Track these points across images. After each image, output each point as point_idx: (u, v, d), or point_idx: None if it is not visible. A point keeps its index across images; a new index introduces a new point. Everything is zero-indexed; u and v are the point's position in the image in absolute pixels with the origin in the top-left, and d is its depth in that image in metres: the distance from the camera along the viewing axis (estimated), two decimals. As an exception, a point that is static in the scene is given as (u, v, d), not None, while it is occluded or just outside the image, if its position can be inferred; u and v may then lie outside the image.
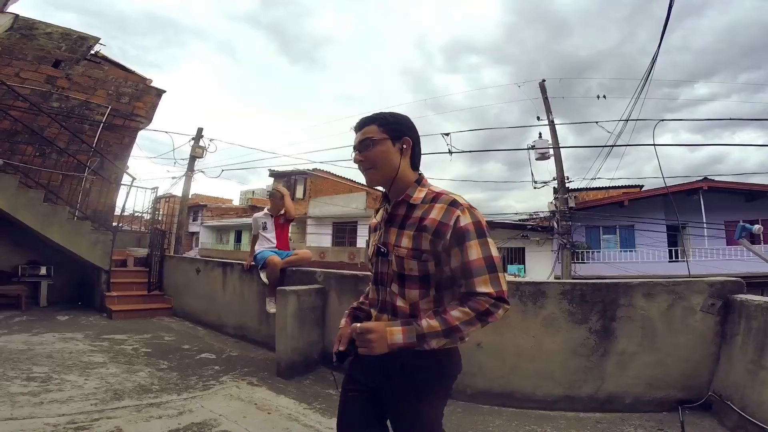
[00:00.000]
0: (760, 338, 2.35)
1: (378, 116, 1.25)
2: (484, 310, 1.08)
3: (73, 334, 4.60)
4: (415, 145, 1.26)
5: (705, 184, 14.87)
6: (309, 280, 4.17)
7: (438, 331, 1.09)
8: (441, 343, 1.11)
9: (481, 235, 1.12)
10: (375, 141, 1.21)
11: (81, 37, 7.36)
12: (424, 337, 1.09)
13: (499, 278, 1.11)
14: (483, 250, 1.11)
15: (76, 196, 6.87)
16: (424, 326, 1.09)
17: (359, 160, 1.24)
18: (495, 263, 1.11)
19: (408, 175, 1.24)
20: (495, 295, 1.08)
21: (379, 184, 1.27)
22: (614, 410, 2.78)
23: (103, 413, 2.57)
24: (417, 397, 1.19)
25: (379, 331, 1.11)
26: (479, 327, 1.11)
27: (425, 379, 1.18)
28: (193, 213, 34.14)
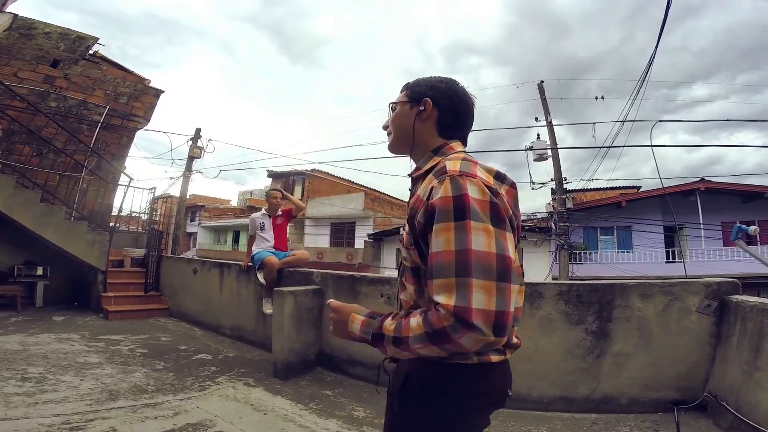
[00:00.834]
0: (755, 339, 2.35)
1: (410, 81, 1.10)
2: (438, 329, 0.74)
3: (69, 334, 4.58)
4: (444, 108, 1.01)
5: (702, 185, 14.93)
6: (306, 281, 4.17)
7: (390, 336, 0.83)
8: (398, 354, 0.87)
9: (459, 214, 0.77)
10: (396, 104, 1.07)
11: (80, 37, 7.35)
12: (380, 338, 0.86)
13: (471, 288, 0.72)
14: (457, 239, 0.75)
15: (73, 197, 6.85)
16: (384, 325, 0.86)
17: (384, 125, 1.12)
18: (470, 262, 0.73)
19: (427, 142, 1.02)
20: (452, 310, 0.72)
21: (396, 152, 1.11)
22: (610, 411, 2.78)
23: (98, 413, 2.56)
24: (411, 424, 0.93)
25: (342, 313, 0.94)
26: (437, 352, 0.78)
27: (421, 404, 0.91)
28: (191, 213, 34.11)
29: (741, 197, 15.43)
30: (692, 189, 15.00)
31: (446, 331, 0.72)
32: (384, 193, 27.33)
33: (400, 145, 1.07)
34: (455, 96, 1.04)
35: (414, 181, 1.03)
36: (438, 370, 0.88)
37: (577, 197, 19.25)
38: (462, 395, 0.89)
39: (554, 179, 12.68)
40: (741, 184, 15.36)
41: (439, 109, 1.01)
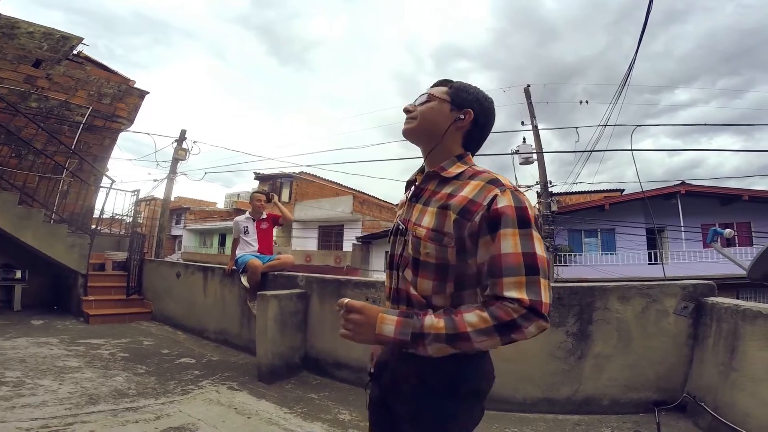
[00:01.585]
0: (730, 340, 2.41)
1: (453, 81, 1.10)
2: (508, 321, 0.82)
3: (48, 338, 4.49)
4: (477, 125, 1.07)
5: (682, 189, 15.26)
6: (291, 285, 4.15)
7: (441, 335, 0.85)
8: (442, 351, 0.87)
9: (524, 224, 0.87)
10: (433, 97, 1.07)
11: (64, 37, 7.21)
12: (422, 338, 0.86)
13: (540, 285, 0.84)
14: (523, 243, 0.86)
15: (53, 199, 6.72)
16: (425, 324, 0.87)
17: (407, 108, 1.10)
18: (538, 264, 0.85)
19: (452, 148, 1.06)
20: (528, 304, 0.82)
21: (412, 138, 1.10)
22: (592, 412, 2.82)
23: (78, 417, 2.52)
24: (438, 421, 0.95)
25: (367, 314, 0.90)
26: (498, 343, 0.84)
27: (446, 400, 0.95)
28: (176, 216, 33.65)
29: (720, 200, 15.81)
30: (673, 192, 15.33)
31: (516, 322, 0.82)
32: (373, 196, 27.35)
33: (423, 136, 1.08)
34: (491, 118, 1.10)
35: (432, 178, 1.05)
36: (454, 362, 0.93)
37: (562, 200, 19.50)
38: (478, 380, 0.98)
39: (540, 182, 12.83)
40: (720, 187, 15.75)
41: (474, 123, 1.06)
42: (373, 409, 1.14)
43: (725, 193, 15.49)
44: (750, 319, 2.29)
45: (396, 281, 1.06)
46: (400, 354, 1.01)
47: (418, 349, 0.88)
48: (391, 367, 1.06)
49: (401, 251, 1.05)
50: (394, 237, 1.11)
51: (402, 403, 1.02)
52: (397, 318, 0.89)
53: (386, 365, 1.09)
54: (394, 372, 1.04)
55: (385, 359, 1.12)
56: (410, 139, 1.10)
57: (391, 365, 1.06)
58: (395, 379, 1.03)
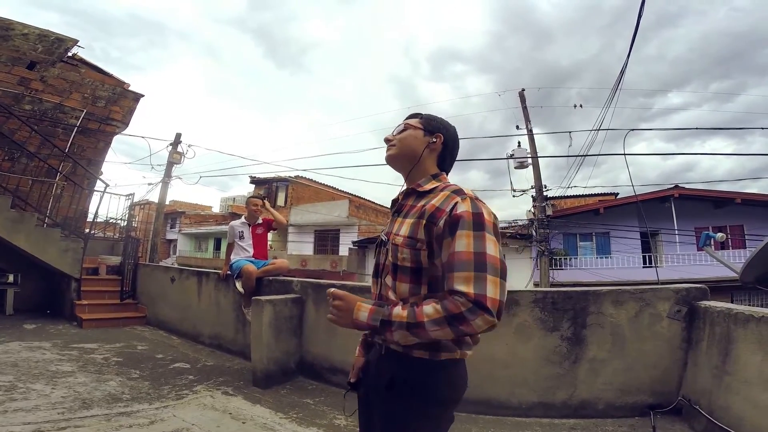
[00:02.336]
0: (723, 344, 2.42)
1: (424, 114, 1.30)
2: (456, 314, 0.90)
3: (41, 342, 4.45)
4: (447, 147, 1.25)
5: (676, 192, 15.36)
6: (286, 290, 4.14)
7: (403, 323, 0.97)
8: (405, 338, 0.99)
9: (478, 227, 0.98)
10: (409, 126, 1.25)
11: (58, 39, 7.17)
12: (389, 324, 0.99)
13: (487, 281, 0.92)
14: (476, 243, 0.96)
15: (46, 203, 6.66)
16: (393, 312, 0.99)
17: (387, 138, 1.28)
18: (487, 262, 0.94)
19: (428, 168, 1.22)
20: (473, 297, 0.90)
21: (394, 163, 1.27)
22: (588, 416, 2.82)
23: (71, 422, 2.50)
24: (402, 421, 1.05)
25: (348, 301, 1.07)
26: (450, 334, 0.93)
27: (412, 401, 1.04)
28: (171, 220, 33.50)
29: (713, 203, 15.92)
30: (667, 195, 15.43)
31: (463, 314, 0.90)
32: (369, 201, 27.33)
33: (403, 161, 1.24)
34: (457, 141, 1.30)
35: (411, 195, 1.21)
36: (426, 368, 1.05)
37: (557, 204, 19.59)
38: (448, 389, 1.07)
39: (534, 187, 12.89)
40: (713, 191, 15.87)
41: (444, 146, 1.25)
42: (361, 409, 1.25)
43: (718, 197, 15.61)
44: (742, 322, 2.30)
45: (379, 287, 1.19)
46: (379, 356, 1.14)
47: (386, 335, 1.01)
48: (374, 365, 1.16)
49: (384, 260, 1.18)
50: (378, 248, 1.24)
51: (379, 398, 1.12)
52: (370, 307, 1.04)
53: (370, 365, 1.20)
54: (377, 370, 1.14)
55: (367, 360, 1.24)
56: (392, 165, 1.27)
57: (374, 364, 1.16)
58: (377, 377, 1.12)
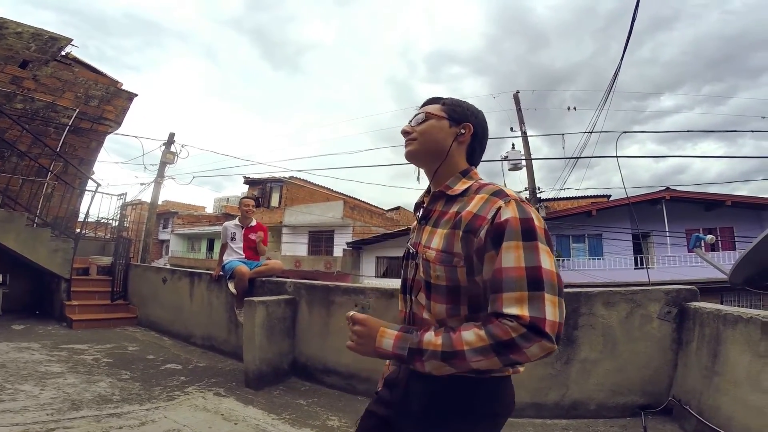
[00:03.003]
0: (713, 345, 2.45)
1: (445, 98, 1.10)
2: (506, 341, 0.76)
3: (29, 343, 4.39)
4: (476, 137, 1.07)
5: (667, 194, 15.52)
6: (279, 291, 4.13)
7: (437, 352, 0.82)
8: (440, 369, 0.84)
9: (528, 237, 0.82)
10: (431, 115, 1.05)
11: (52, 38, 7.11)
12: (419, 354, 0.85)
13: (545, 302, 0.77)
14: (527, 256, 0.80)
15: (36, 202, 6.60)
16: (424, 340, 0.85)
17: (406, 130, 1.08)
18: (542, 279, 0.79)
19: (457, 164, 1.05)
20: (528, 321, 0.75)
21: (416, 161, 1.09)
22: (580, 416, 2.84)
23: (60, 423, 2.47)
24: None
25: (370, 327, 0.92)
26: (497, 363, 0.79)
27: (455, 419, 0.91)
28: (164, 220, 33.28)
29: (704, 205, 16.11)
30: (658, 198, 15.59)
31: (515, 341, 0.75)
32: (363, 202, 27.34)
33: (427, 157, 1.06)
34: (487, 129, 1.10)
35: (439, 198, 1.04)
36: (472, 386, 0.91)
37: (550, 206, 19.73)
38: (496, 407, 0.95)
39: (528, 188, 12.96)
40: (704, 193, 16.06)
41: (474, 136, 1.06)
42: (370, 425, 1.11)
43: (709, 199, 15.79)
44: (731, 323, 2.33)
45: (410, 305, 1.04)
46: (412, 371, 0.98)
47: (416, 365, 0.87)
48: (403, 384, 1.03)
49: (413, 275, 1.03)
50: (406, 261, 1.09)
51: (412, 422, 0.98)
52: (396, 333, 0.90)
53: (397, 383, 1.06)
54: (406, 390, 1.01)
55: (396, 377, 1.08)
56: (414, 162, 1.09)
57: (403, 383, 1.03)
58: (407, 397, 1.01)
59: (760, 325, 2.13)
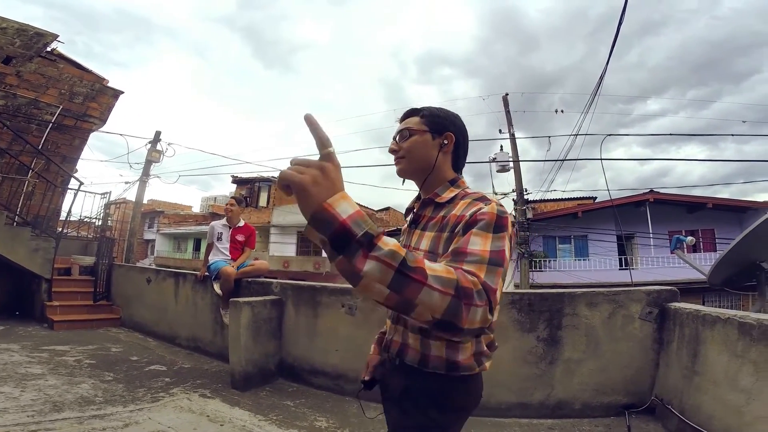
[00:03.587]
0: (692, 345, 2.50)
1: (423, 108, 1.15)
2: (467, 288, 0.72)
3: (9, 344, 4.30)
4: (460, 145, 1.14)
5: (651, 197, 15.83)
6: (265, 291, 4.10)
7: (398, 255, 0.65)
8: (376, 280, 0.65)
9: (498, 229, 0.89)
10: (413, 131, 1.11)
11: (38, 34, 6.94)
12: (372, 246, 0.65)
13: (497, 278, 0.82)
14: (493, 243, 0.87)
15: (17, 200, 6.45)
16: (387, 239, 0.67)
17: (393, 149, 1.14)
18: (501, 261, 0.85)
19: (444, 173, 1.12)
20: (482, 281, 0.77)
21: (408, 176, 1.15)
22: (565, 416, 2.87)
23: (41, 425, 2.43)
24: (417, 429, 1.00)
25: (336, 178, 0.68)
26: (442, 307, 0.68)
27: (427, 409, 0.99)
28: (149, 220, 32.80)
29: (686, 207, 16.47)
30: (642, 200, 15.89)
31: (472, 293, 0.72)
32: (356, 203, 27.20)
33: (417, 172, 1.12)
34: (466, 134, 1.16)
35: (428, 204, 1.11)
36: (444, 379, 0.98)
37: (537, 207, 19.94)
38: (464, 397, 1.02)
39: (516, 190, 13.08)
40: (686, 196, 16.43)
41: (456, 144, 1.13)
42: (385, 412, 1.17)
43: (691, 201, 16.15)
44: (709, 324, 2.38)
45: None
46: (393, 367, 1.08)
47: (356, 258, 0.64)
48: (386, 378, 1.12)
49: None
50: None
51: (391, 411, 1.08)
52: (359, 208, 0.67)
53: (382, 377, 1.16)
54: (387, 383, 1.11)
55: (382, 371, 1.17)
56: (406, 177, 1.15)
57: (386, 377, 1.12)
58: (387, 390, 1.10)
59: (737, 325, 2.18)
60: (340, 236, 0.64)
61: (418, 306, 0.68)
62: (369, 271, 0.64)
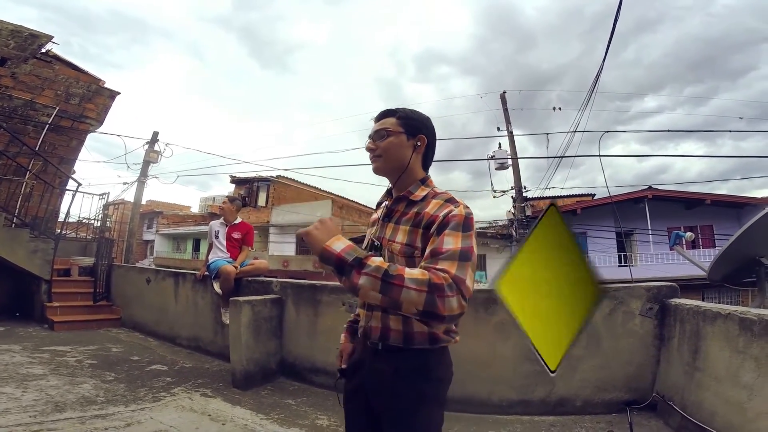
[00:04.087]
0: (693, 341, 2.49)
1: (398, 110, 1.25)
2: (438, 284, 0.92)
3: (10, 345, 4.29)
4: (430, 146, 1.26)
5: (649, 193, 15.83)
6: (265, 290, 4.10)
7: (381, 268, 0.93)
8: (369, 287, 0.92)
9: (466, 228, 1.06)
10: (390, 132, 1.21)
11: (33, 35, 6.92)
12: (361, 266, 0.93)
13: (467, 270, 0.99)
14: (463, 241, 1.03)
15: (15, 202, 6.43)
16: (370, 257, 0.95)
17: (370, 147, 1.24)
18: (470, 256, 1.01)
19: (416, 173, 1.23)
20: (453, 275, 0.95)
21: (383, 174, 1.25)
22: (566, 413, 2.87)
23: (44, 425, 2.43)
24: (413, 403, 1.11)
25: (332, 227, 1.02)
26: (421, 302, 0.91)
27: (418, 383, 1.12)
28: (148, 220, 32.74)
29: (685, 204, 16.48)
30: (641, 197, 15.88)
31: (444, 287, 0.92)
32: (352, 201, 27.23)
33: (391, 171, 1.23)
34: (435, 135, 1.29)
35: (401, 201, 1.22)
36: (426, 355, 1.13)
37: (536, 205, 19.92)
38: (444, 369, 1.17)
39: (514, 187, 13.09)
40: (685, 192, 16.42)
41: (427, 146, 1.25)
42: (348, 400, 1.29)
43: (690, 198, 16.16)
44: (710, 319, 2.37)
45: None
46: (375, 352, 1.17)
47: (352, 276, 0.93)
48: (368, 364, 1.19)
49: None
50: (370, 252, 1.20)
51: (381, 394, 1.15)
52: (349, 242, 0.99)
53: (362, 364, 1.23)
54: (371, 368, 1.18)
55: (359, 358, 1.26)
56: (380, 175, 1.25)
57: (368, 363, 1.19)
58: (373, 375, 1.17)
59: (738, 321, 2.18)
60: (339, 264, 0.94)
61: (403, 303, 0.91)
62: (363, 284, 0.92)
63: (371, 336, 1.19)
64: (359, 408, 1.23)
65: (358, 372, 1.24)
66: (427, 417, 1.13)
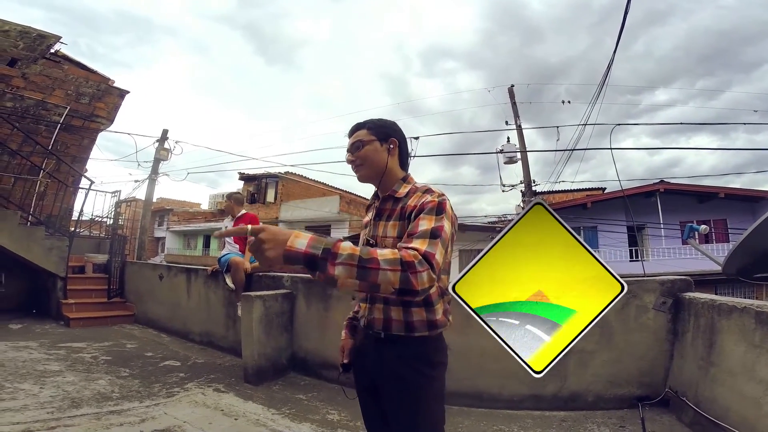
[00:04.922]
0: (708, 335, 2.46)
1: (367, 121, 1.37)
2: (409, 261, 0.96)
3: (27, 342, 4.38)
4: (402, 146, 1.38)
5: (661, 187, 15.59)
6: (276, 285, 4.13)
7: (354, 255, 0.92)
8: (346, 276, 0.91)
9: (439, 212, 1.15)
10: (364, 142, 1.32)
11: (41, 35, 6.99)
12: (333, 256, 0.91)
13: (437, 246, 1.06)
14: (435, 222, 1.12)
15: (29, 200, 6.53)
16: (340, 245, 0.93)
17: (350, 159, 1.35)
18: (440, 234, 1.09)
19: (396, 173, 1.35)
20: (423, 252, 1.01)
21: (368, 181, 1.36)
22: (578, 408, 2.86)
23: (60, 421, 2.48)
24: (418, 386, 1.20)
25: (277, 232, 0.93)
26: (396, 281, 0.94)
27: (421, 367, 1.21)
28: (159, 217, 33.07)
29: (697, 198, 16.20)
30: (652, 190, 15.65)
31: (414, 263, 0.97)
32: (360, 196, 27.22)
33: (373, 176, 1.34)
34: (404, 136, 1.41)
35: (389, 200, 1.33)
36: (427, 342, 1.23)
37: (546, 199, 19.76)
38: (444, 354, 1.29)
39: (523, 182, 12.98)
40: (697, 185, 16.13)
41: (399, 147, 1.37)
42: (362, 395, 1.39)
43: (702, 191, 15.88)
44: (725, 313, 2.34)
45: None
46: (378, 340, 1.26)
47: (327, 268, 0.91)
48: (372, 353, 1.28)
49: None
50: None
51: (387, 379, 1.24)
52: (311, 235, 0.95)
53: (366, 353, 1.32)
54: (376, 356, 1.27)
55: (363, 349, 1.35)
56: (366, 182, 1.36)
57: (372, 352, 1.28)
58: (378, 362, 1.25)
59: (755, 314, 2.15)
60: (309, 261, 0.91)
61: (381, 285, 0.94)
62: (339, 274, 0.91)
63: (374, 327, 1.27)
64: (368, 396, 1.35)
65: (362, 361, 1.34)
66: (432, 399, 1.23)
